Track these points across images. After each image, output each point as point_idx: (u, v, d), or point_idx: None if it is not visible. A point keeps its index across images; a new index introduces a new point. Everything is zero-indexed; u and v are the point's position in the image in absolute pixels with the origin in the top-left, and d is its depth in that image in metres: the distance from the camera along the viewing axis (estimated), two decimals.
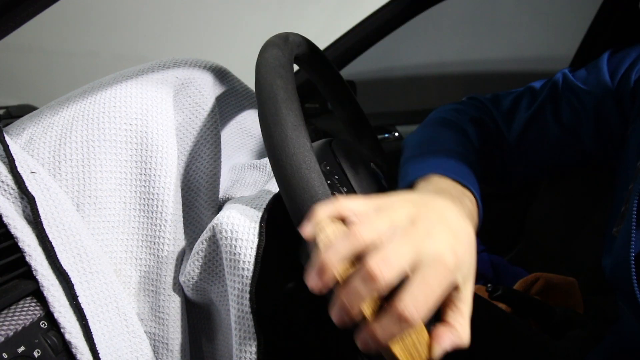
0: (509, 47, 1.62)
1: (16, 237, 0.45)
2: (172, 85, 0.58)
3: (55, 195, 0.49)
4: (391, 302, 0.31)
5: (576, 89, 0.58)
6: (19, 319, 0.43)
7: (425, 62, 1.63)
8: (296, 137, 0.40)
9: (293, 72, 0.46)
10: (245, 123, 0.71)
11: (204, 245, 0.50)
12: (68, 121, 0.54)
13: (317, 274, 0.32)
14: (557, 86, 0.61)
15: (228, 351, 0.55)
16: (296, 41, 0.51)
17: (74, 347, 0.45)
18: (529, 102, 0.63)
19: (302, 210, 0.39)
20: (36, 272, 0.45)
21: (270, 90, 0.42)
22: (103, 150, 0.53)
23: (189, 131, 0.59)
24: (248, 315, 0.46)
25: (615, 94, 0.55)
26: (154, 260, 0.54)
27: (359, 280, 0.30)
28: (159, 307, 0.54)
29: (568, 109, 0.59)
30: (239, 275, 0.46)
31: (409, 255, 0.31)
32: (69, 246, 0.48)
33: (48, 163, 0.52)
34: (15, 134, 0.54)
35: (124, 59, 1.69)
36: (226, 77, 0.66)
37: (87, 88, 0.57)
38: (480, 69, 1.59)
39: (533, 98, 0.63)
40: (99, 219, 0.53)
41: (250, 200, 0.51)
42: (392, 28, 1.19)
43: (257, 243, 0.46)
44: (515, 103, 0.64)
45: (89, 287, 0.48)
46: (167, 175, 0.54)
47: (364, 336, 0.31)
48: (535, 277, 0.96)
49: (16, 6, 0.42)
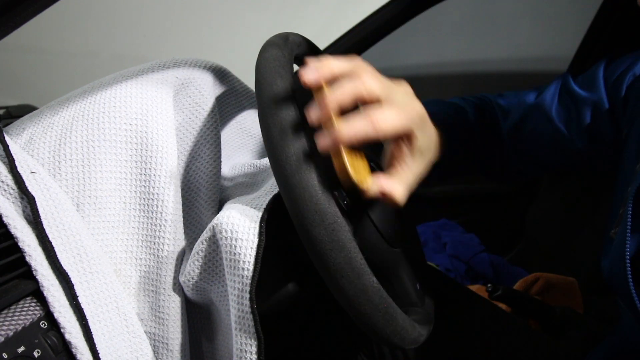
0: (509, 47, 1.61)
1: (16, 237, 0.45)
2: (172, 85, 0.58)
3: (55, 195, 0.49)
4: (366, 109, 0.41)
5: (572, 91, 0.60)
6: (19, 319, 0.43)
7: (425, 62, 1.62)
8: (296, 137, 0.40)
9: (293, 72, 0.46)
10: (245, 123, 0.71)
11: (204, 245, 0.50)
12: (68, 121, 0.54)
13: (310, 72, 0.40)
14: (555, 87, 0.63)
15: (228, 351, 0.55)
16: (296, 41, 0.51)
17: (74, 347, 0.45)
18: (527, 99, 0.65)
19: (302, 210, 0.39)
20: (36, 272, 0.45)
21: (270, 90, 0.42)
22: (103, 150, 0.53)
23: (189, 131, 0.59)
24: (248, 315, 0.46)
25: (608, 99, 0.57)
26: (154, 260, 0.54)
27: (347, 81, 0.40)
28: (159, 307, 0.54)
29: (562, 110, 0.61)
30: (239, 275, 0.47)
31: (383, 87, 0.42)
32: (69, 246, 0.48)
33: (48, 163, 0.52)
34: (15, 134, 0.54)
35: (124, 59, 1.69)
36: (226, 77, 0.66)
37: (87, 88, 0.57)
38: (480, 69, 1.59)
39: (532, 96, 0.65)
40: (99, 219, 0.53)
41: (250, 200, 0.51)
42: (392, 28, 1.19)
43: (257, 243, 0.46)
44: (515, 99, 0.66)
45: (89, 287, 0.48)
46: (167, 175, 0.54)
47: (329, 135, 0.39)
48: (535, 277, 0.96)
49: (16, 6, 0.42)
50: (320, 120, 0.40)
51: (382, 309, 0.40)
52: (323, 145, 0.39)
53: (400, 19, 1.18)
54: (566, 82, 0.62)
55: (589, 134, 0.58)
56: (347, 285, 0.39)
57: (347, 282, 0.39)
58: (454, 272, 1.32)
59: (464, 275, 1.33)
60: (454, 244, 1.38)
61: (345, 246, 0.39)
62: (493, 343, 0.76)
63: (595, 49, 1.27)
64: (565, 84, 0.62)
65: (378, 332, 0.41)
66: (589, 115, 0.58)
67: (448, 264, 1.33)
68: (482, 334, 0.77)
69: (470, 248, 1.38)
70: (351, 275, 0.39)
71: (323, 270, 0.40)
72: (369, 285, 0.40)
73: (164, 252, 0.54)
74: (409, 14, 1.18)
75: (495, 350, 0.75)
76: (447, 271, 1.31)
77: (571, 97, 0.60)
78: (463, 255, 1.36)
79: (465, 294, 0.81)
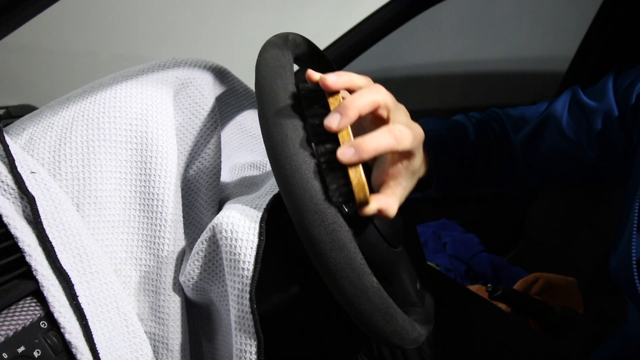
0: (509, 47, 1.61)
1: (16, 237, 0.45)
2: (172, 85, 0.58)
3: (55, 195, 0.49)
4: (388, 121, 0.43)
5: (582, 102, 0.61)
6: (19, 319, 0.43)
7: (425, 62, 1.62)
8: (296, 137, 0.40)
9: (293, 72, 0.46)
10: (245, 123, 0.71)
11: (204, 245, 0.50)
12: (68, 121, 0.54)
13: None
14: (565, 99, 0.64)
15: (228, 351, 0.55)
16: (296, 41, 0.51)
17: (74, 347, 0.45)
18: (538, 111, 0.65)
19: (302, 210, 0.39)
20: (36, 272, 0.45)
21: (270, 90, 0.42)
22: (103, 150, 0.53)
23: (189, 131, 0.59)
24: (248, 315, 0.46)
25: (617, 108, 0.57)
26: (154, 260, 0.54)
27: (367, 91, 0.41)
28: (159, 307, 0.54)
29: (572, 121, 0.61)
30: (239, 275, 0.47)
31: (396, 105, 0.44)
32: (69, 246, 0.48)
33: (48, 163, 0.52)
34: (15, 134, 0.54)
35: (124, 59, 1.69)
36: (226, 77, 0.66)
37: (87, 88, 0.57)
38: (480, 69, 1.59)
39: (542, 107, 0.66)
40: (99, 219, 0.53)
41: (250, 200, 0.51)
42: (392, 28, 1.19)
43: (257, 243, 0.46)
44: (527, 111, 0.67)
45: (89, 287, 0.48)
46: (167, 175, 0.54)
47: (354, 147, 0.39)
48: (535, 277, 0.96)
49: (16, 6, 0.42)
50: (341, 128, 0.40)
51: (382, 309, 0.40)
52: (346, 157, 0.39)
53: (400, 19, 1.18)
54: (575, 94, 0.62)
55: (600, 143, 0.59)
56: (347, 285, 0.39)
57: (347, 282, 0.39)
58: (454, 272, 1.32)
59: (464, 275, 1.33)
60: (454, 244, 1.39)
61: (345, 246, 0.39)
62: (493, 343, 0.76)
63: (595, 49, 1.27)
64: (575, 95, 0.62)
65: (378, 332, 0.41)
66: (599, 124, 0.58)
67: (448, 264, 1.33)
68: (482, 334, 0.77)
69: (470, 248, 1.38)
70: (351, 275, 0.39)
71: (323, 270, 0.40)
72: (369, 285, 0.40)
73: (164, 252, 0.54)
74: (409, 14, 1.18)
75: (495, 350, 0.75)
76: (447, 271, 1.31)
77: (581, 108, 0.61)
78: (463, 255, 1.36)
79: (465, 294, 0.82)
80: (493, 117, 0.68)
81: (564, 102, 0.63)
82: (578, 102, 0.61)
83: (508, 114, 0.68)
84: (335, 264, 0.39)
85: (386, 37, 1.20)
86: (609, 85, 0.59)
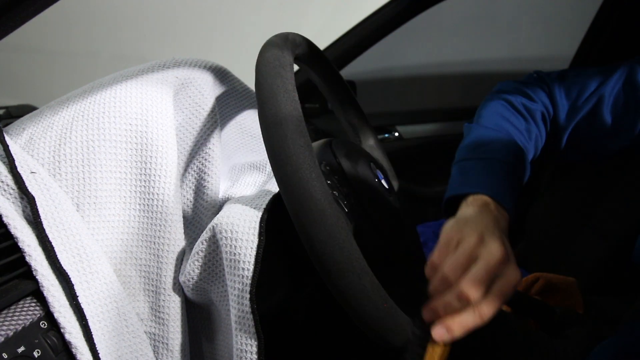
0: (509, 47, 1.62)
1: (16, 237, 0.45)
2: (172, 86, 0.58)
3: (55, 195, 0.49)
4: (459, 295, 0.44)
5: (636, 83, 0.63)
6: (19, 319, 0.43)
7: (425, 62, 1.63)
8: (296, 137, 0.40)
9: (293, 72, 0.46)
10: (245, 123, 0.71)
11: (204, 246, 0.50)
12: (68, 121, 0.54)
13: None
14: (620, 75, 0.65)
15: (228, 351, 0.55)
16: (296, 41, 0.51)
17: (74, 347, 0.45)
18: (590, 83, 0.67)
19: (302, 210, 0.39)
20: (36, 272, 0.45)
21: (270, 90, 0.42)
22: (103, 150, 0.53)
23: (189, 131, 0.59)
24: (248, 315, 0.46)
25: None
26: (154, 260, 0.54)
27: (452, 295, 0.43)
28: (159, 307, 0.54)
29: (622, 99, 0.63)
30: (239, 275, 0.47)
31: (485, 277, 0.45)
32: (69, 246, 0.48)
33: (48, 163, 0.52)
34: (15, 134, 0.54)
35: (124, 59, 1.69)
36: (226, 77, 0.66)
37: (87, 88, 0.57)
38: (480, 69, 1.59)
39: (595, 80, 0.67)
40: (99, 219, 0.53)
41: (250, 200, 0.51)
42: (392, 28, 1.19)
43: (257, 243, 0.46)
44: (579, 80, 0.68)
45: (89, 287, 0.48)
46: (167, 175, 0.54)
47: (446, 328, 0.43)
48: (535, 277, 0.96)
49: (16, 6, 0.42)
50: (444, 313, 0.43)
51: (382, 309, 0.40)
52: (440, 337, 0.43)
53: (400, 19, 1.18)
54: (632, 73, 0.64)
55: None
56: (347, 285, 0.39)
57: (347, 282, 0.39)
58: None
59: None
60: None
61: (346, 246, 0.39)
62: (492, 343, 0.76)
63: (595, 49, 1.27)
64: (631, 75, 0.64)
65: (378, 331, 0.41)
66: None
67: None
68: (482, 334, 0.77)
69: None
70: (351, 275, 0.39)
71: (323, 270, 0.40)
72: (369, 285, 0.40)
73: (164, 252, 0.54)
74: (409, 14, 1.18)
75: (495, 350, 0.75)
76: None
77: (633, 89, 0.62)
78: None
79: None
80: (543, 91, 0.69)
81: (617, 77, 0.64)
82: (632, 82, 0.63)
83: (560, 87, 0.68)
84: (335, 264, 0.39)
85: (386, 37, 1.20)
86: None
